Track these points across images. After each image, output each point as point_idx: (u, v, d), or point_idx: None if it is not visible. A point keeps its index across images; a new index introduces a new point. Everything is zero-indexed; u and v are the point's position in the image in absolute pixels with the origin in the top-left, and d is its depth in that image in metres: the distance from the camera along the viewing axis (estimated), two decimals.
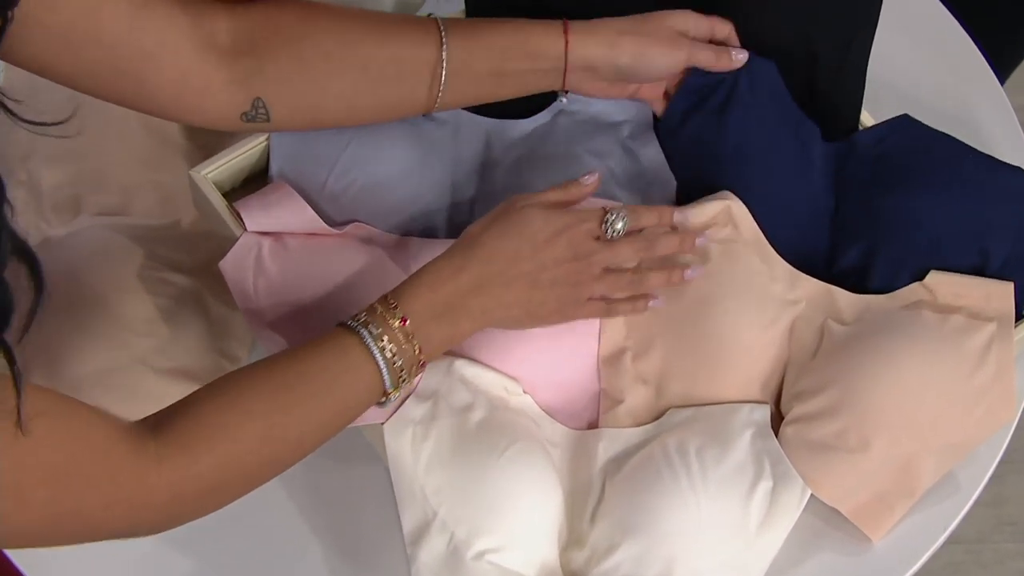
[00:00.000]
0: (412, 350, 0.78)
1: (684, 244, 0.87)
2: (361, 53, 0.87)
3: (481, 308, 0.81)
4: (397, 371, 0.78)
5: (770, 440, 0.87)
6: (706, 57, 0.94)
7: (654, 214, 0.87)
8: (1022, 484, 1.73)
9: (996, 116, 1.10)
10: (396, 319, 0.78)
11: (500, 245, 0.81)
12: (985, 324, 0.87)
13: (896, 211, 0.92)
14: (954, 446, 0.87)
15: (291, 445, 0.76)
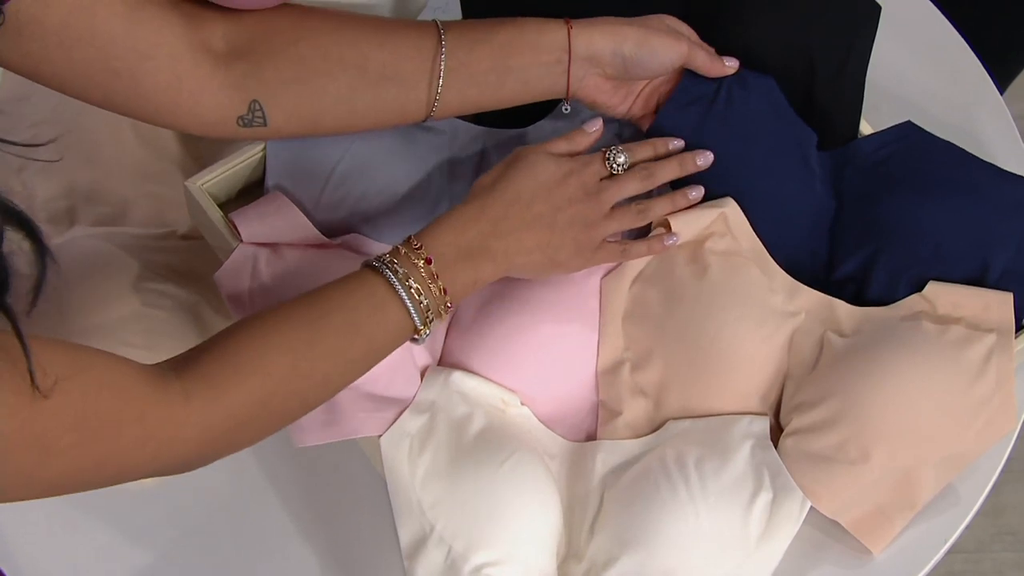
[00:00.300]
0: (438, 290, 0.79)
1: (685, 166, 0.91)
2: (359, 54, 0.87)
3: (503, 251, 0.82)
4: (424, 310, 0.79)
5: (769, 452, 0.86)
6: (703, 58, 0.94)
7: (649, 146, 0.91)
8: (1021, 493, 1.73)
9: (996, 125, 1.10)
10: (421, 259, 0.79)
11: (516, 188, 0.83)
12: (985, 335, 0.87)
13: (896, 219, 0.92)
14: (954, 457, 0.86)
15: (317, 381, 0.77)
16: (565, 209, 0.84)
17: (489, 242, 0.82)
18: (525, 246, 0.83)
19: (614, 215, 0.87)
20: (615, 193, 0.87)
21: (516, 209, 0.83)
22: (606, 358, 0.91)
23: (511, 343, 0.89)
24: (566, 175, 0.85)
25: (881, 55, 1.00)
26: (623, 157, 0.87)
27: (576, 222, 0.85)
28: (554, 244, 0.84)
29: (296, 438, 0.85)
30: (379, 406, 0.86)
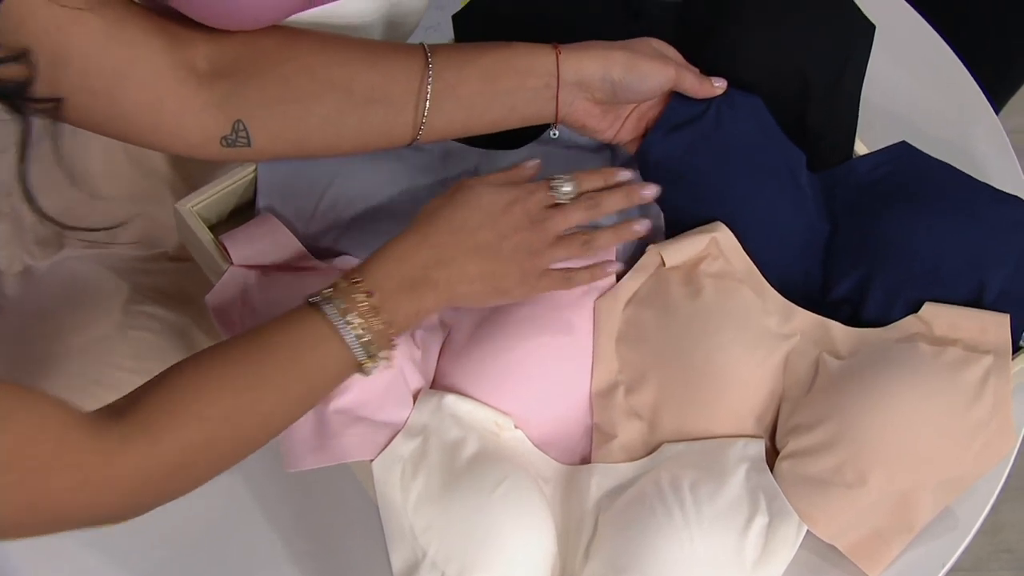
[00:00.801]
0: (380, 324, 0.78)
1: (631, 197, 0.89)
2: (346, 76, 0.86)
3: (446, 280, 0.82)
4: (367, 345, 0.78)
5: (765, 475, 0.86)
6: (691, 81, 0.94)
7: (598, 176, 0.89)
8: (1019, 511, 1.72)
9: (991, 145, 1.10)
10: (361, 293, 0.78)
11: (460, 217, 0.82)
12: (981, 357, 0.87)
13: (892, 240, 0.92)
14: (952, 480, 0.86)
15: (258, 423, 0.76)
16: (510, 237, 0.83)
17: (431, 272, 0.81)
18: (468, 275, 0.82)
19: (559, 244, 0.86)
20: (560, 222, 0.86)
21: (459, 238, 0.82)
22: (600, 381, 0.90)
23: (505, 366, 0.88)
24: (510, 203, 0.84)
25: (876, 74, 1.00)
26: (569, 186, 0.86)
27: (521, 250, 0.84)
28: (498, 273, 0.84)
29: (287, 462, 0.84)
30: (371, 430, 0.85)
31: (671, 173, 0.95)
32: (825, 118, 0.98)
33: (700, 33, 0.99)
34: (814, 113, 0.98)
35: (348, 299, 0.78)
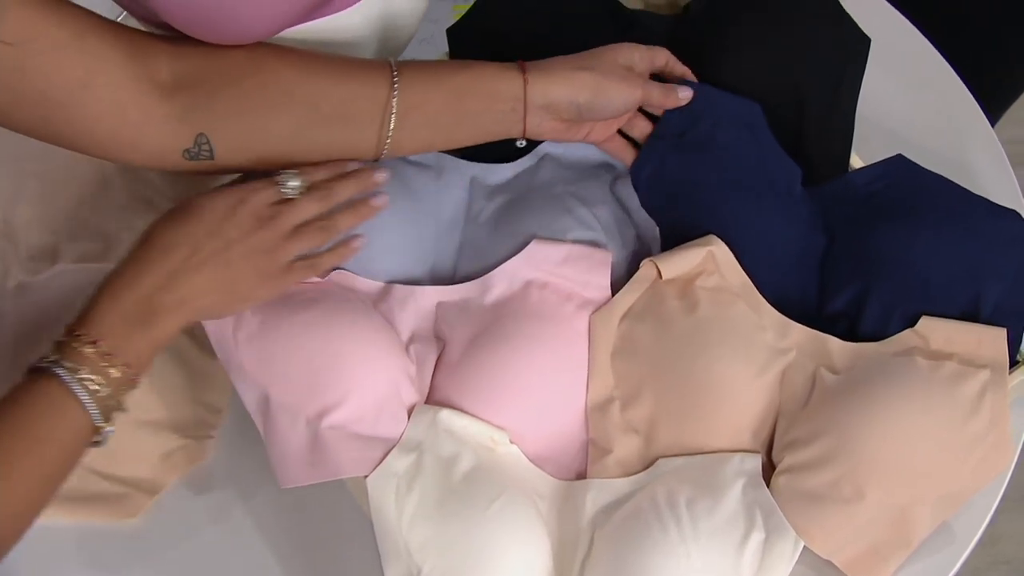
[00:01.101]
0: (117, 372, 0.76)
1: (363, 183, 0.89)
2: (311, 91, 0.86)
3: (178, 301, 0.80)
4: (105, 401, 0.76)
5: (762, 490, 0.85)
6: (657, 95, 0.93)
7: (326, 168, 0.88)
8: (1016, 522, 1.72)
9: (988, 157, 1.10)
10: (86, 345, 0.75)
11: (177, 233, 0.81)
12: (978, 371, 0.86)
13: (888, 254, 0.92)
14: (950, 495, 0.85)
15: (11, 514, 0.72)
16: (238, 242, 0.82)
17: (158, 297, 0.79)
18: (201, 289, 0.81)
19: (296, 236, 0.85)
20: (292, 216, 0.85)
21: (182, 254, 0.80)
22: (595, 395, 0.90)
23: (500, 380, 0.88)
24: (233, 207, 0.83)
25: (872, 87, 1.00)
26: (295, 180, 0.86)
27: (253, 252, 0.83)
28: (234, 279, 0.82)
29: (282, 479, 0.84)
30: (366, 446, 0.85)
31: (666, 187, 0.95)
32: (821, 132, 0.98)
33: (694, 47, 0.99)
34: (810, 127, 0.98)
35: (75, 356, 0.75)
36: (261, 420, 0.86)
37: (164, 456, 0.93)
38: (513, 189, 0.98)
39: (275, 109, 0.85)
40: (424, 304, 0.92)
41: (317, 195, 0.86)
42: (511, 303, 0.91)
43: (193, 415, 0.94)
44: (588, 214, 0.94)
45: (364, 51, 0.96)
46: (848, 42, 0.99)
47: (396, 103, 0.86)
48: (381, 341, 0.87)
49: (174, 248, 0.80)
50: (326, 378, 0.84)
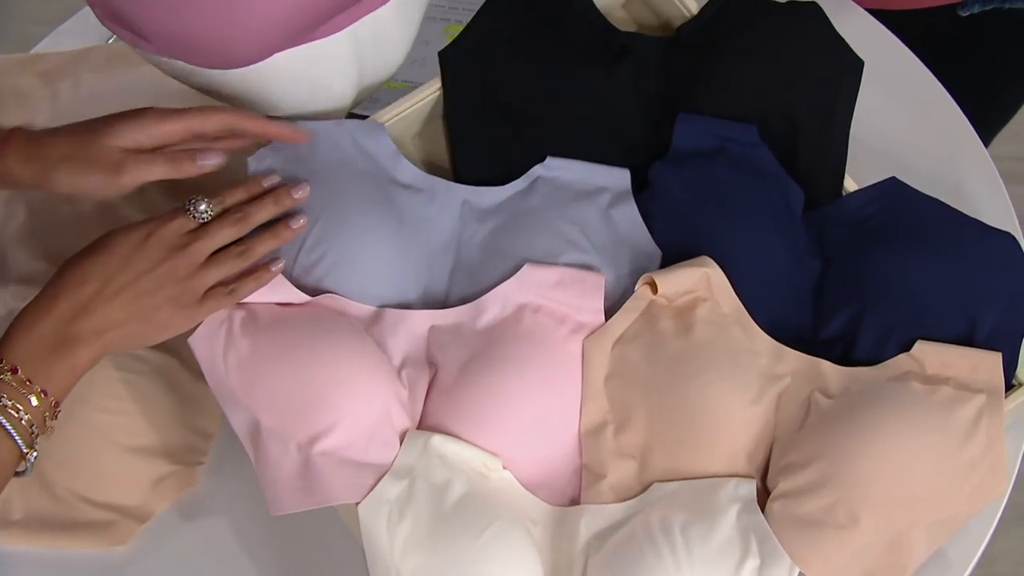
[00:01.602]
0: (36, 396, 0.77)
1: (280, 203, 0.88)
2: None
3: (92, 331, 0.80)
4: (27, 428, 0.77)
5: (757, 516, 0.85)
6: (161, 170, 0.86)
7: (242, 189, 0.88)
8: (1013, 541, 1.72)
9: (982, 178, 1.10)
10: (6, 372, 0.77)
11: (88, 267, 0.81)
12: (973, 396, 0.86)
13: (883, 278, 0.91)
14: (945, 520, 0.85)
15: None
16: (149, 273, 0.82)
17: (73, 328, 0.80)
18: (113, 319, 0.81)
19: (212, 263, 0.85)
20: (206, 244, 0.84)
21: (92, 287, 0.81)
22: (589, 420, 0.90)
23: (493, 405, 0.87)
24: (143, 239, 0.83)
25: (865, 109, 1.00)
26: (204, 205, 0.85)
27: (166, 282, 0.83)
28: (146, 309, 0.82)
29: (273, 505, 0.84)
30: (357, 472, 0.84)
31: (671, 206, 0.96)
32: (814, 155, 0.98)
33: (688, 70, 0.99)
34: (803, 150, 0.98)
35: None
36: (251, 446, 0.85)
37: (154, 482, 0.93)
38: (505, 212, 0.97)
39: None
40: (416, 328, 0.91)
41: (231, 219, 0.86)
42: (504, 327, 0.91)
43: (183, 440, 0.94)
44: (581, 237, 0.94)
45: (352, 75, 0.96)
46: (841, 64, 0.99)
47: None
48: (373, 366, 0.87)
49: (87, 281, 0.81)
50: (317, 403, 0.84)
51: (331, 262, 0.91)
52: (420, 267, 0.95)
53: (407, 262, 0.94)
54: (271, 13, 0.83)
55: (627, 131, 1.00)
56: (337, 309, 0.91)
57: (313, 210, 0.91)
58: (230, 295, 0.86)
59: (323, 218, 0.91)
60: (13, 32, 2.32)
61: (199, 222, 0.85)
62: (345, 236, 0.91)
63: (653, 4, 1.09)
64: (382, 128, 0.98)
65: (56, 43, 1.18)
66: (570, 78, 0.98)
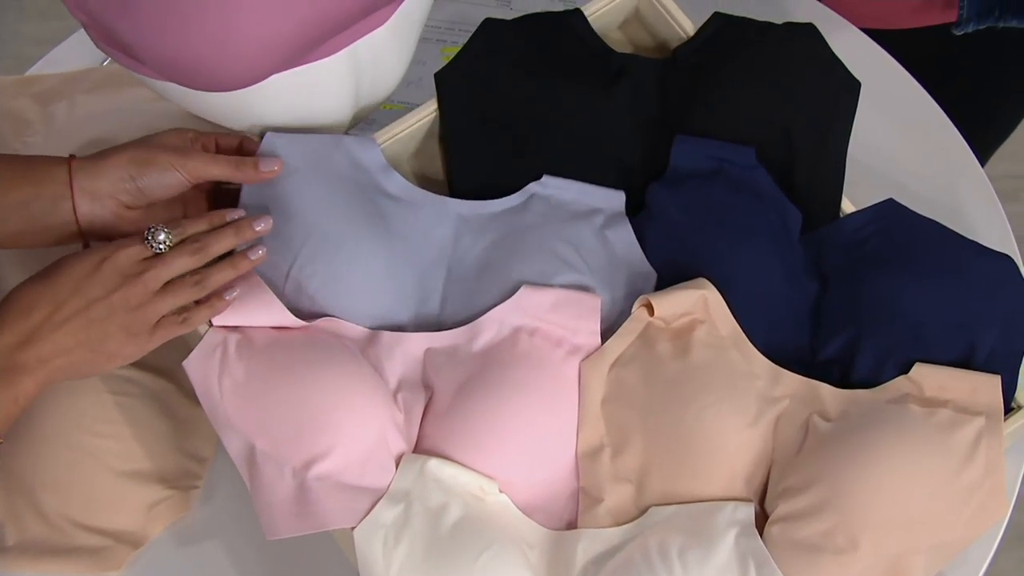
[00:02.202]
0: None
1: (241, 234, 0.87)
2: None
3: (36, 359, 0.79)
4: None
5: (755, 540, 0.85)
6: (221, 168, 0.89)
7: (203, 220, 0.86)
8: (1013, 560, 1.71)
9: (979, 199, 1.10)
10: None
11: (37, 293, 0.80)
12: (973, 419, 0.85)
13: (881, 300, 0.91)
14: (945, 545, 0.84)
15: None
16: (102, 300, 0.80)
17: (17, 356, 0.78)
18: (62, 348, 0.80)
19: (167, 292, 0.83)
20: (161, 272, 0.82)
21: (39, 315, 0.79)
22: (586, 443, 0.89)
23: (489, 428, 0.87)
24: (96, 264, 0.81)
25: (862, 130, 0.99)
26: (163, 234, 0.83)
27: (118, 309, 0.81)
28: (95, 337, 0.81)
29: (268, 530, 0.83)
30: (353, 496, 0.84)
31: (668, 228, 0.95)
32: (811, 176, 0.98)
33: (684, 91, 0.99)
34: (800, 171, 0.98)
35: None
36: (246, 470, 0.85)
37: (148, 507, 0.92)
38: (500, 226, 0.97)
39: None
40: (412, 351, 0.91)
41: (189, 249, 0.84)
42: (500, 349, 0.90)
43: (178, 465, 0.93)
44: (576, 257, 0.94)
45: (349, 96, 0.96)
46: (838, 85, 0.99)
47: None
48: (368, 389, 0.86)
49: (35, 307, 0.79)
50: (313, 428, 0.83)
51: (323, 278, 0.91)
52: (412, 280, 0.94)
53: (398, 275, 0.94)
54: (266, 36, 0.83)
55: (623, 152, 1.00)
56: (333, 331, 0.91)
57: (306, 228, 0.91)
58: (182, 323, 0.84)
59: (315, 237, 0.91)
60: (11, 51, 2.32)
61: (155, 251, 0.83)
62: (337, 251, 0.91)
63: (649, 25, 1.09)
64: (373, 142, 0.98)
65: (51, 65, 1.18)
66: (567, 100, 0.98)
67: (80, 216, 0.86)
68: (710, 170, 0.97)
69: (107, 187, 0.86)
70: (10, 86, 1.13)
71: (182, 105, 0.93)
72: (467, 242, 0.97)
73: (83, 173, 0.86)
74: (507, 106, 0.98)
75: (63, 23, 1.10)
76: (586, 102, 0.99)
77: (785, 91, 0.97)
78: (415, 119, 1.01)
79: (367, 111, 1.02)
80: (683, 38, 1.05)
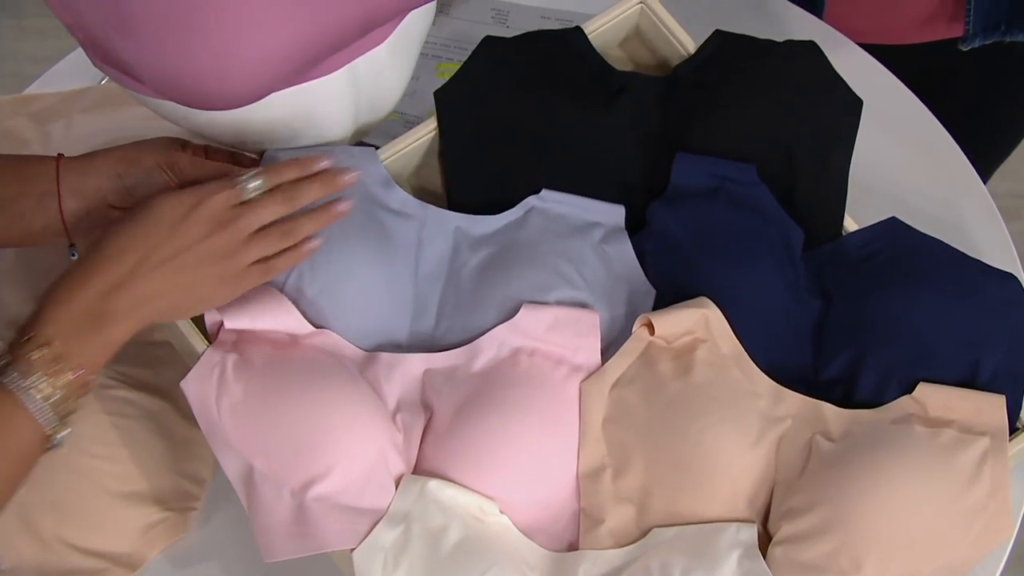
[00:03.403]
0: (69, 374, 0.75)
1: (328, 186, 0.86)
2: None
3: (130, 305, 0.78)
4: (57, 406, 0.75)
5: (758, 562, 0.84)
6: (207, 176, 0.88)
7: (294, 167, 0.86)
8: None
9: (982, 217, 1.09)
10: (37, 349, 0.75)
11: (130, 238, 0.79)
12: (978, 439, 0.85)
13: (884, 319, 0.91)
14: (951, 566, 0.84)
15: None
16: (194, 246, 0.80)
17: (109, 303, 0.78)
18: (154, 293, 0.79)
19: (255, 240, 0.83)
20: (252, 219, 0.82)
21: (132, 259, 0.79)
22: (587, 463, 0.89)
23: (489, 448, 0.86)
24: (190, 209, 0.81)
25: (864, 148, 0.99)
26: (255, 182, 0.83)
27: (209, 256, 0.81)
28: (188, 283, 0.81)
29: (266, 552, 0.82)
30: (352, 518, 0.83)
31: (669, 245, 0.95)
32: (813, 193, 0.98)
33: (685, 108, 0.99)
34: (802, 189, 0.97)
35: (25, 360, 0.74)
36: (244, 491, 0.84)
37: (145, 529, 0.92)
38: (498, 241, 0.97)
39: None
40: (411, 371, 0.91)
41: (280, 198, 0.84)
42: (500, 370, 0.90)
43: (175, 486, 0.93)
44: (574, 273, 0.93)
45: (348, 113, 0.96)
46: (840, 103, 0.99)
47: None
48: (367, 410, 0.86)
49: (128, 252, 0.79)
50: (311, 448, 0.83)
51: (322, 288, 0.90)
52: (409, 293, 0.94)
53: (396, 288, 0.93)
54: (266, 54, 0.83)
55: (624, 170, 1.00)
56: (331, 351, 0.90)
57: None
58: (267, 271, 0.84)
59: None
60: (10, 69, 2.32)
61: (246, 198, 0.83)
62: (336, 263, 0.91)
63: (650, 43, 1.09)
64: (374, 154, 0.98)
65: (49, 84, 1.18)
66: (567, 117, 0.98)
67: (65, 214, 0.86)
68: (711, 188, 0.96)
69: (94, 185, 0.86)
70: (7, 105, 1.13)
71: (181, 123, 0.92)
72: (465, 256, 0.96)
73: (71, 171, 0.86)
74: (507, 123, 0.98)
75: (61, 42, 1.09)
76: (586, 120, 0.98)
77: (786, 108, 0.97)
78: (416, 136, 1.01)
79: (368, 128, 1.01)
80: (684, 56, 1.04)
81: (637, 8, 1.07)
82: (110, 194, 0.87)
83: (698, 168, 0.97)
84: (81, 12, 0.81)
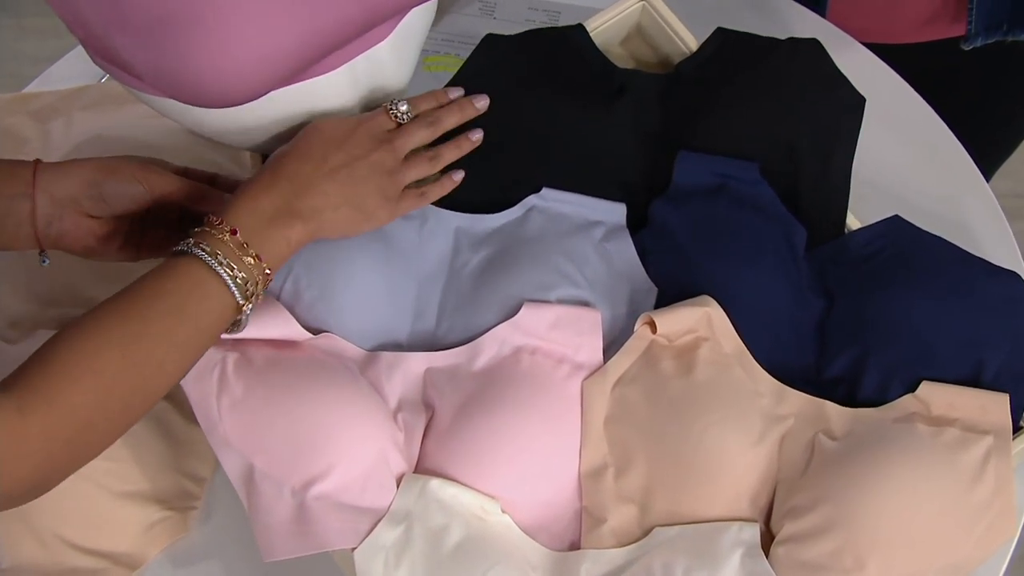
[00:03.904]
0: (251, 260, 0.80)
1: (465, 111, 0.96)
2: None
3: (310, 208, 0.84)
4: (243, 283, 0.79)
5: (760, 561, 0.84)
6: (183, 191, 0.90)
7: (431, 97, 0.96)
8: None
9: (985, 215, 1.09)
10: (225, 233, 0.80)
11: (306, 150, 0.86)
12: (981, 437, 0.85)
13: (887, 318, 0.90)
14: (954, 565, 0.83)
15: (151, 373, 0.75)
16: (363, 158, 0.88)
17: (293, 202, 0.84)
18: (331, 201, 0.85)
19: (410, 162, 0.91)
20: (406, 140, 0.91)
21: (311, 166, 0.85)
22: (589, 463, 0.88)
23: (491, 447, 0.86)
24: (353, 128, 0.89)
25: (867, 147, 0.99)
26: (405, 106, 0.92)
27: (376, 170, 0.88)
28: (359, 195, 0.87)
29: (266, 551, 0.82)
30: (353, 517, 0.83)
31: (671, 244, 0.95)
32: (816, 192, 0.98)
33: (687, 107, 0.98)
34: (805, 187, 0.97)
35: (214, 241, 0.79)
36: (245, 490, 0.84)
37: (145, 528, 0.92)
38: (499, 240, 0.96)
39: None
40: (412, 370, 0.90)
41: (425, 122, 0.93)
42: (501, 369, 0.90)
43: (176, 485, 0.93)
44: (575, 271, 0.93)
45: (350, 112, 0.95)
46: (843, 101, 0.99)
47: None
48: (368, 409, 0.86)
49: (306, 160, 0.86)
50: (312, 447, 0.83)
51: (320, 289, 0.91)
52: (410, 293, 0.94)
53: (396, 288, 0.93)
54: (266, 52, 0.83)
55: (625, 168, 0.99)
56: (332, 351, 0.90)
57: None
58: (422, 197, 0.93)
59: (308, 249, 0.90)
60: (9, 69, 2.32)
61: (399, 122, 0.92)
62: (333, 262, 0.91)
63: (652, 41, 1.09)
64: None
65: (49, 82, 1.18)
66: (568, 115, 0.98)
67: (38, 217, 0.87)
68: (713, 186, 0.96)
69: (70, 190, 0.87)
70: (7, 103, 1.12)
71: (180, 121, 0.92)
72: (466, 256, 0.96)
73: (47, 175, 0.87)
74: (508, 122, 0.98)
75: (61, 42, 1.09)
76: (588, 118, 0.98)
77: (789, 107, 0.97)
78: None
79: None
80: (686, 53, 1.04)
81: (639, 6, 1.07)
82: (85, 201, 0.87)
83: (700, 166, 0.97)
84: (80, 9, 0.81)
